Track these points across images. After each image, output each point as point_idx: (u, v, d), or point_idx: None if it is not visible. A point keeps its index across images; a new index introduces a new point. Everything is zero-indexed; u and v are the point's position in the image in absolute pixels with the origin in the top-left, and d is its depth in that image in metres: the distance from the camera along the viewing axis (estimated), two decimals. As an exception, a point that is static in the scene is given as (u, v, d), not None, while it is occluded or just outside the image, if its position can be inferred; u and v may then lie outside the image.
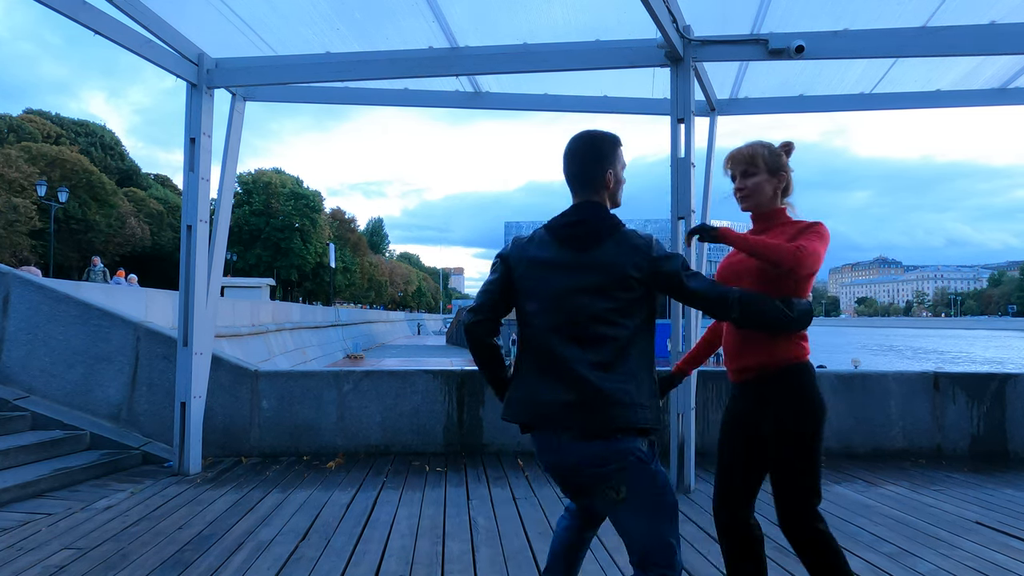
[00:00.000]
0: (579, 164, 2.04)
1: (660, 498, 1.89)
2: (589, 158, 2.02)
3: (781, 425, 2.17)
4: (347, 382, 5.97)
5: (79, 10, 4.18)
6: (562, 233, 1.97)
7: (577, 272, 1.92)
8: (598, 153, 2.02)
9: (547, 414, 1.89)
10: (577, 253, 1.93)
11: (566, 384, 1.86)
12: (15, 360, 5.93)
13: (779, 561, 3.37)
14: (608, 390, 1.84)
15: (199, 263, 5.27)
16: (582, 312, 1.89)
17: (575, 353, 1.87)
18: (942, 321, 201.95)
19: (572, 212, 2.01)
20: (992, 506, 4.40)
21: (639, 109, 6.24)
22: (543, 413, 1.90)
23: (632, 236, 1.95)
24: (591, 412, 1.84)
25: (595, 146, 2.03)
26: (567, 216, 2.01)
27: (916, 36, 4.61)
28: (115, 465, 5.28)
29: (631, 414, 1.84)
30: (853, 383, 6.02)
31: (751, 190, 2.24)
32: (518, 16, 4.89)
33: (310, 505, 4.39)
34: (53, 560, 3.35)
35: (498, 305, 2.02)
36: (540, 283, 1.96)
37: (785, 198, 2.30)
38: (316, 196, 68.68)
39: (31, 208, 38.61)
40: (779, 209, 2.28)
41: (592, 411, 1.83)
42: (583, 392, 1.84)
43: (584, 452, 1.85)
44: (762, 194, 2.24)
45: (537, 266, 1.97)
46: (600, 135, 2.05)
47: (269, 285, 40.42)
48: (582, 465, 1.86)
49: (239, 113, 5.68)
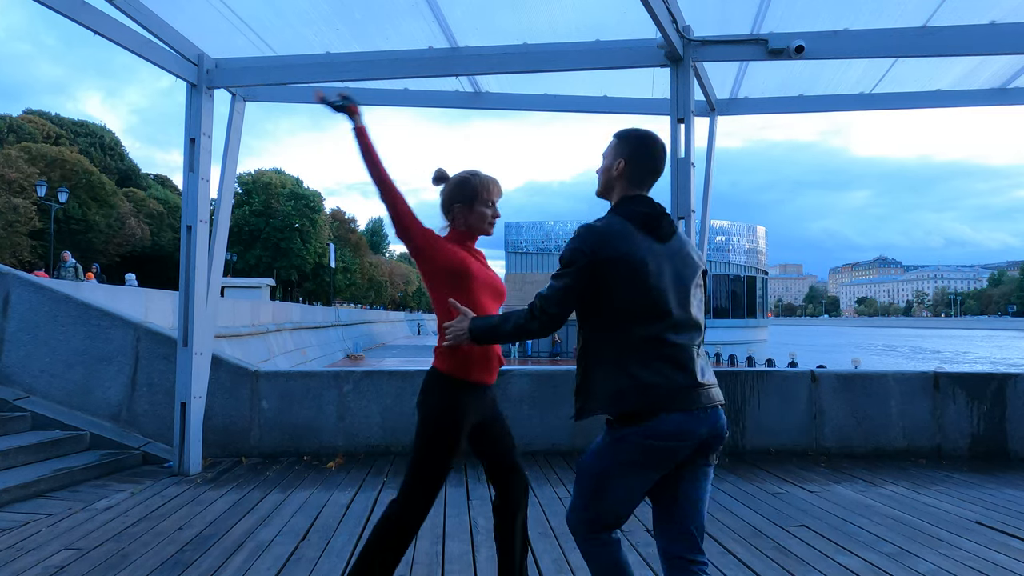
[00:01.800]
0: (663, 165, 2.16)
1: None
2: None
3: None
4: (347, 382, 5.97)
5: (79, 10, 4.17)
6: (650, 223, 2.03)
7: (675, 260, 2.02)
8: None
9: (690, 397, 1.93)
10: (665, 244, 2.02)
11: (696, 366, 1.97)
12: (15, 360, 5.93)
13: (779, 561, 3.38)
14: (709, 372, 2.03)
15: (199, 263, 5.27)
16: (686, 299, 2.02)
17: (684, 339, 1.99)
18: (942, 321, 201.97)
19: (649, 203, 2.08)
20: (992, 506, 4.40)
21: (639, 109, 6.24)
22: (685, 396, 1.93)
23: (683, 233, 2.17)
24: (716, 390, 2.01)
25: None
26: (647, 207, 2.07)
27: (916, 36, 4.61)
28: (115, 465, 5.27)
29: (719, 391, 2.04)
30: (853, 383, 6.02)
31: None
32: (518, 16, 4.89)
33: (310, 505, 4.39)
34: (53, 560, 3.35)
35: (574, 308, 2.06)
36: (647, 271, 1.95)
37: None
38: (316, 196, 68.65)
39: (31, 208, 38.60)
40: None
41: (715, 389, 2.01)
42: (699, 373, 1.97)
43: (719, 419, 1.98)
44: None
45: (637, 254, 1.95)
46: None
47: (269, 285, 40.43)
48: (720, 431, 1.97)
49: (239, 113, 5.68)
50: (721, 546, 3.60)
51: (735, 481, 5.02)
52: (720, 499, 4.54)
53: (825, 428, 5.96)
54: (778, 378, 6.09)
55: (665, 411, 1.89)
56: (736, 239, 55.15)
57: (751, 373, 6.21)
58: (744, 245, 55.53)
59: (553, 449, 5.83)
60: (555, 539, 3.70)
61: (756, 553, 3.48)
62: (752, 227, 57.20)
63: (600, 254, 1.94)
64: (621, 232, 1.98)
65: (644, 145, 2.11)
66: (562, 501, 4.45)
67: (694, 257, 2.08)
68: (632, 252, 1.94)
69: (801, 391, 6.01)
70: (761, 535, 3.78)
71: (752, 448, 5.93)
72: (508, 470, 2.61)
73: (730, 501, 4.49)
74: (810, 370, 6.17)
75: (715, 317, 45.25)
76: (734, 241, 55.15)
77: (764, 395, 5.99)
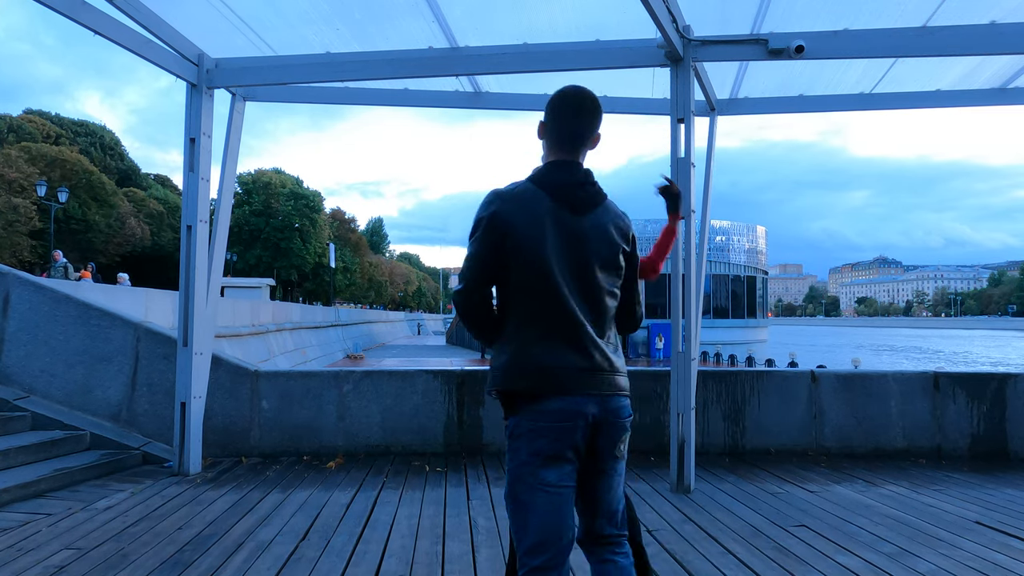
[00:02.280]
0: (589, 121, 1.95)
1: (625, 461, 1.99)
2: (598, 118, 1.97)
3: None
4: (347, 382, 5.97)
5: (78, 10, 4.17)
6: (562, 194, 1.87)
7: (582, 236, 1.86)
8: (599, 114, 1.98)
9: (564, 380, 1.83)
10: (575, 216, 1.86)
11: (578, 348, 1.84)
12: (15, 360, 5.93)
13: (779, 561, 3.38)
14: (610, 354, 1.90)
15: (199, 263, 5.27)
16: (589, 280, 1.87)
17: (581, 317, 1.85)
18: (942, 321, 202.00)
19: (570, 172, 1.91)
20: (992, 506, 4.40)
21: (639, 109, 6.24)
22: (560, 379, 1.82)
23: (615, 205, 1.97)
24: (604, 374, 1.87)
25: (598, 106, 1.97)
26: (565, 176, 1.90)
27: (916, 36, 4.61)
28: (115, 465, 5.27)
29: (626, 380, 1.94)
30: (853, 383, 6.02)
31: None
32: (518, 16, 4.89)
33: (310, 505, 4.39)
34: (53, 560, 3.35)
35: (492, 277, 1.89)
36: (547, 248, 1.83)
37: None
38: (316, 196, 68.65)
39: (31, 208, 38.58)
40: None
41: (605, 373, 1.87)
42: (595, 356, 1.86)
43: (613, 405, 1.87)
44: None
45: (539, 227, 1.84)
46: (595, 95, 1.98)
47: (269, 285, 40.42)
48: (614, 417, 1.87)
49: (239, 113, 5.68)
50: (721, 546, 3.60)
51: (735, 481, 5.02)
52: (720, 499, 4.54)
53: (825, 428, 5.96)
54: (778, 378, 6.09)
55: (551, 392, 1.81)
56: (736, 239, 55.21)
57: (751, 373, 6.21)
58: (744, 245, 55.59)
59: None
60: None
61: (756, 553, 3.48)
62: (752, 227, 57.25)
63: (497, 220, 1.84)
64: (524, 199, 1.86)
65: (555, 102, 1.95)
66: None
67: (614, 235, 1.91)
68: (530, 223, 1.83)
69: (801, 391, 6.01)
70: (761, 535, 3.78)
71: (752, 448, 5.94)
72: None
73: (730, 501, 4.49)
74: (810, 370, 6.17)
75: (715, 317, 45.22)
76: (734, 241, 55.20)
77: (764, 395, 5.99)
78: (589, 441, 1.85)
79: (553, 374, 1.82)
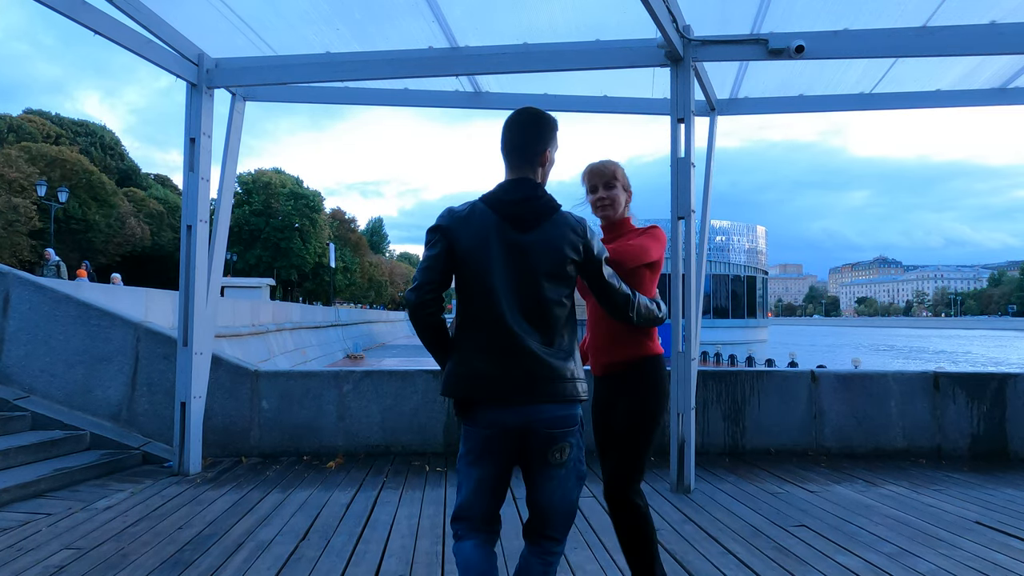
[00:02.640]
0: (523, 137, 2.07)
1: (579, 467, 2.06)
2: (533, 134, 2.07)
3: (637, 406, 2.46)
4: (347, 382, 5.97)
5: (78, 10, 4.18)
6: (506, 210, 1.99)
7: (524, 250, 1.96)
8: (542, 132, 2.08)
9: (501, 387, 1.94)
10: (520, 232, 1.97)
11: (514, 358, 1.94)
12: (15, 360, 5.93)
13: (779, 561, 3.38)
14: (552, 363, 1.96)
15: (199, 263, 5.27)
16: (532, 292, 1.97)
17: (520, 329, 1.95)
18: (942, 321, 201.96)
19: (514, 189, 2.03)
20: (992, 506, 4.40)
21: (639, 109, 6.24)
22: (497, 387, 1.95)
23: (567, 218, 2.04)
24: (540, 382, 1.95)
25: (541, 123, 2.09)
26: (510, 193, 2.02)
27: (916, 36, 4.61)
28: (115, 465, 5.27)
29: (572, 387, 1.99)
30: (853, 383, 6.02)
31: (612, 199, 2.58)
32: (518, 16, 4.89)
33: (310, 505, 4.39)
34: (53, 560, 3.35)
35: (443, 281, 2.02)
36: (487, 261, 1.96)
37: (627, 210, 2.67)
38: (316, 196, 68.65)
39: (31, 208, 38.59)
40: (627, 219, 2.65)
41: (541, 382, 1.95)
42: (531, 365, 1.94)
43: (540, 415, 1.95)
44: (618, 205, 2.59)
45: (483, 243, 1.96)
46: (545, 115, 2.11)
47: (269, 285, 40.42)
48: (539, 427, 1.95)
49: (239, 113, 5.68)
50: (721, 546, 3.60)
51: (735, 481, 5.02)
52: (720, 499, 4.54)
53: (825, 428, 5.96)
54: (778, 378, 6.09)
55: (482, 400, 1.96)
56: (736, 239, 55.21)
57: (751, 373, 6.21)
58: (744, 245, 55.58)
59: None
60: (555, 539, 3.70)
61: (756, 553, 3.48)
62: (752, 227, 57.24)
63: (447, 232, 2.00)
64: (472, 217, 1.99)
65: (505, 121, 2.12)
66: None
67: (561, 247, 1.98)
68: (474, 238, 1.96)
69: (801, 391, 6.01)
70: (761, 535, 3.78)
71: (752, 448, 5.93)
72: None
73: (730, 501, 4.49)
74: (810, 370, 6.17)
75: (715, 317, 45.25)
76: (734, 241, 55.21)
77: (764, 395, 5.99)
78: (520, 446, 1.98)
79: (484, 383, 1.96)
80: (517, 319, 1.95)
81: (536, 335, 1.97)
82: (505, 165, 2.09)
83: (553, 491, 2.02)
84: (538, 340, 1.97)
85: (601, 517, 4.05)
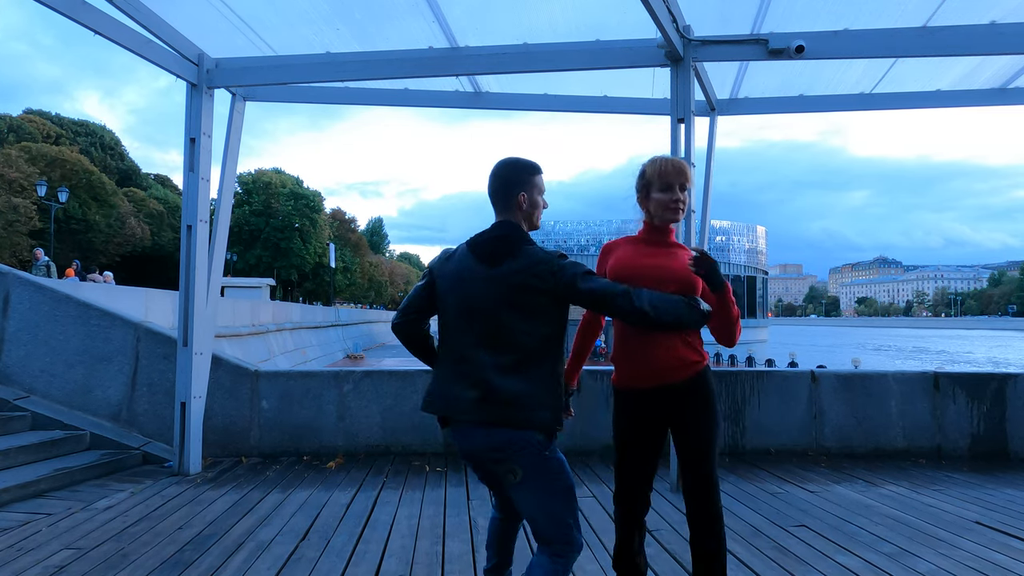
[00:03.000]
0: (496, 183, 2.26)
1: (554, 482, 2.12)
2: (504, 180, 2.25)
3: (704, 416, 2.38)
4: (347, 382, 5.97)
5: (79, 10, 4.17)
6: (478, 249, 2.19)
7: (489, 284, 2.14)
8: (514, 177, 2.25)
9: (458, 408, 2.13)
10: (489, 268, 2.15)
11: (472, 383, 2.11)
12: (15, 360, 5.93)
13: (779, 561, 3.38)
14: (508, 390, 2.07)
15: (199, 263, 5.27)
16: (491, 321, 2.12)
17: (483, 357, 2.11)
18: (942, 321, 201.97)
19: (491, 230, 2.23)
20: (992, 506, 4.40)
21: (639, 109, 6.24)
22: (455, 407, 2.15)
23: (535, 251, 2.15)
24: (492, 407, 2.08)
25: (512, 170, 2.26)
26: (485, 234, 2.23)
27: (916, 36, 4.61)
28: (115, 465, 5.27)
29: (528, 413, 2.07)
30: (853, 383, 6.02)
31: (685, 203, 2.42)
32: (518, 16, 4.89)
33: (310, 505, 4.39)
34: (53, 560, 3.35)
35: (423, 308, 2.29)
36: (457, 294, 2.19)
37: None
38: (316, 196, 68.63)
39: (31, 208, 38.57)
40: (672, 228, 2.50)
41: (493, 406, 2.08)
42: (486, 391, 2.08)
43: (487, 440, 2.10)
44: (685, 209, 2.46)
45: (456, 278, 2.20)
46: (519, 161, 2.29)
47: (269, 285, 40.41)
48: (486, 451, 2.12)
49: (239, 113, 5.68)
50: (721, 546, 3.59)
51: (735, 481, 5.02)
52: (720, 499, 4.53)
53: (825, 428, 5.96)
54: (778, 378, 6.09)
55: (451, 419, 2.18)
56: (736, 239, 55.21)
57: (751, 373, 6.21)
58: (744, 245, 55.60)
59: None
60: (555, 539, 3.70)
61: (756, 553, 3.48)
62: (752, 227, 57.25)
63: (433, 271, 2.30)
64: (454, 257, 2.24)
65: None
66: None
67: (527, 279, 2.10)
68: (451, 275, 2.21)
69: (801, 391, 6.01)
70: (761, 535, 3.78)
71: (752, 448, 5.93)
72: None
73: (730, 501, 4.49)
74: (810, 370, 6.17)
75: (715, 317, 45.22)
76: (734, 241, 55.20)
77: (764, 395, 5.99)
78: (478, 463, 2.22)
79: (440, 402, 2.19)
80: (476, 346, 2.12)
81: (493, 362, 2.09)
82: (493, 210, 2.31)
83: (527, 503, 2.15)
84: (495, 367, 2.09)
85: (601, 517, 4.05)
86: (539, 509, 2.14)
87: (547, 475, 2.12)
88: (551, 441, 2.14)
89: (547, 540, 2.14)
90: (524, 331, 2.10)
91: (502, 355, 2.09)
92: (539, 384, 2.10)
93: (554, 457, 2.13)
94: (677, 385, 2.36)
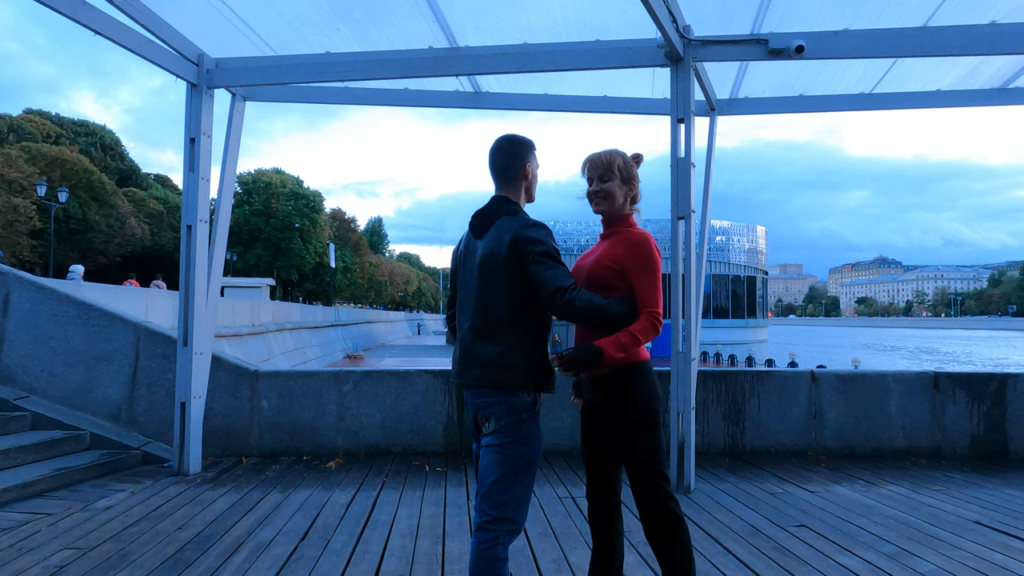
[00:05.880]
0: (496, 156, 2.37)
1: (517, 446, 2.17)
2: (510, 154, 2.36)
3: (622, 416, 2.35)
4: (347, 382, 5.97)
5: (78, 10, 4.18)
6: (471, 224, 2.36)
7: (474, 256, 2.30)
8: (520, 151, 2.37)
9: (454, 374, 2.35)
10: (478, 239, 2.31)
11: (460, 350, 2.31)
12: (15, 360, 5.93)
13: (779, 561, 3.38)
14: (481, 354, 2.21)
15: (199, 263, 5.27)
16: (472, 288, 2.28)
17: (464, 323, 2.31)
18: (942, 321, 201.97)
19: (484, 205, 2.36)
20: (992, 506, 4.40)
21: (639, 109, 6.24)
22: (454, 374, 2.36)
23: (512, 220, 2.25)
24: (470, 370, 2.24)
25: (517, 145, 2.38)
26: (480, 209, 2.37)
27: (916, 36, 4.61)
28: (115, 465, 5.27)
29: (501, 373, 2.18)
30: (853, 383, 6.02)
31: (606, 193, 2.44)
32: (518, 16, 4.89)
33: (310, 505, 4.39)
34: (53, 560, 3.35)
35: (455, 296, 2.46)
36: (456, 268, 2.42)
37: (633, 205, 2.52)
38: (316, 196, 68.57)
39: (31, 208, 38.54)
40: (627, 215, 2.49)
41: (470, 369, 2.23)
42: (465, 356, 2.27)
43: (473, 400, 2.27)
44: (615, 199, 2.45)
45: (458, 254, 2.42)
46: (519, 137, 2.41)
47: (269, 285, 40.37)
48: (476, 411, 2.27)
49: (239, 113, 5.68)
50: (721, 546, 3.60)
51: (735, 481, 5.02)
52: (720, 499, 4.54)
53: (825, 428, 5.96)
54: (778, 378, 6.09)
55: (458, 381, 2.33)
56: (736, 239, 55.22)
57: (751, 373, 6.21)
58: (744, 245, 55.60)
59: (553, 449, 5.83)
60: (555, 539, 3.71)
61: (756, 553, 3.48)
62: (752, 227, 57.24)
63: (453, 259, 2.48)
64: (463, 236, 2.42)
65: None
66: (562, 501, 4.45)
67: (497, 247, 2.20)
68: (456, 254, 2.44)
69: (801, 391, 6.01)
70: (761, 535, 3.78)
71: (752, 448, 5.94)
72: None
73: (730, 501, 4.49)
74: (810, 370, 6.17)
75: (715, 317, 45.21)
76: (734, 241, 55.22)
77: (764, 395, 5.99)
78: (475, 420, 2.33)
79: (453, 373, 2.37)
80: (465, 313, 2.32)
81: (470, 327, 2.26)
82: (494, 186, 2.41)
83: (486, 457, 2.22)
84: (472, 330, 2.26)
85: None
86: (487, 466, 2.19)
87: (514, 435, 2.18)
88: (535, 406, 2.23)
89: (480, 507, 2.17)
90: (491, 296, 2.22)
91: (477, 319, 2.24)
92: (512, 347, 2.19)
93: (530, 424, 2.21)
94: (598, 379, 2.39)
